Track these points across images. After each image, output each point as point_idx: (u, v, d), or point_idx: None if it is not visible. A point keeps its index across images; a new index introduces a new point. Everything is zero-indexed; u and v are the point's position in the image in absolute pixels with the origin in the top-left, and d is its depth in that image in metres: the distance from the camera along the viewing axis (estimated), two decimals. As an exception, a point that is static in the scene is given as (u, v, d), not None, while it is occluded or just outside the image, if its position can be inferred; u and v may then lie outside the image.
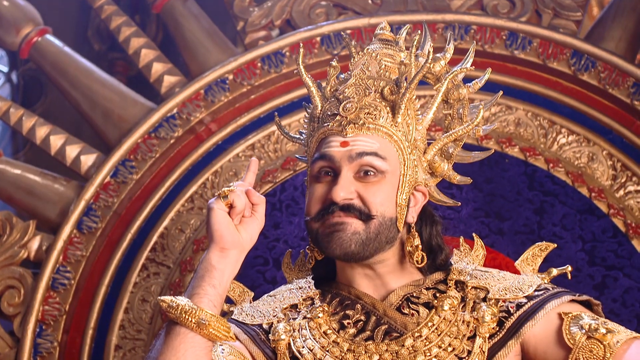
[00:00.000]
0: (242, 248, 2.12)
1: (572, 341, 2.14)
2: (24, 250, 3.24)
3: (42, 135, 3.35)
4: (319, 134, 2.28)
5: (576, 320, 2.17)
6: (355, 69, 2.31)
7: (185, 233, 3.24)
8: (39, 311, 3.18)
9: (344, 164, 2.21)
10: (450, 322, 2.20)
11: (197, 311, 2.02)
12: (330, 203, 2.20)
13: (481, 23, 3.28)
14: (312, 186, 2.26)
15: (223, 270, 2.09)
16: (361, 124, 2.23)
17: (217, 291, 2.07)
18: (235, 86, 3.33)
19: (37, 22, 3.43)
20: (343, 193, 2.19)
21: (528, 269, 2.34)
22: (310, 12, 3.41)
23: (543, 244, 2.36)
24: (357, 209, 2.20)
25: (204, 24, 3.43)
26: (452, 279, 2.28)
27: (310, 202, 2.25)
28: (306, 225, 2.27)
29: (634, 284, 3.03)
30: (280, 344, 2.23)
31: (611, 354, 2.11)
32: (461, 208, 2.87)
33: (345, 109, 2.25)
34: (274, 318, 2.29)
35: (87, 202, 3.26)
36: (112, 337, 3.20)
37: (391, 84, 2.28)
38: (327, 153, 2.23)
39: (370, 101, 2.25)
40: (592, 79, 3.23)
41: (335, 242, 2.20)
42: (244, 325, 2.28)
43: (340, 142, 2.22)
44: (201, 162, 3.31)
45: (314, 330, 2.24)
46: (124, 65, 4.21)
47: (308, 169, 2.31)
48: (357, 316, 2.25)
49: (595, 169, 3.19)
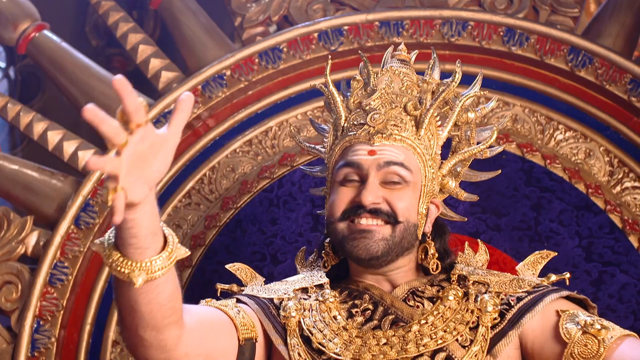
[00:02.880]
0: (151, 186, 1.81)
1: (568, 336, 2.22)
2: (22, 246, 3.24)
3: (39, 130, 3.35)
4: (344, 142, 2.38)
5: (572, 317, 2.25)
6: (379, 84, 2.41)
7: (182, 229, 3.24)
8: (36, 307, 3.18)
9: (371, 171, 2.31)
10: (455, 311, 2.28)
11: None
12: (357, 205, 2.30)
13: (478, 19, 3.28)
14: (337, 190, 2.34)
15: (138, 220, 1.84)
16: (388, 134, 2.34)
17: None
18: (233, 82, 3.33)
19: (35, 17, 3.42)
20: (371, 197, 2.29)
21: (529, 273, 2.43)
22: (307, 8, 3.42)
23: (544, 252, 2.48)
24: (385, 212, 2.30)
25: (202, 19, 3.42)
26: (454, 274, 2.38)
27: (334, 205, 2.33)
28: (329, 227, 2.35)
29: (630, 280, 3.03)
30: (291, 321, 2.30)
31: (605, 349, 2.17)
32: (458, 204, 2.87)
33: (373, 119, 2.35)
34: (284, 295, 2.36)
35: (85, 197, 3.26)
36: (109, 333, 3.20)
37: (414, 100, 2.39)
38: (355, 161, 2.33)
39: (396, 114, 2.36)
40: (590, 76, 3.23)
41: (363, 247, 2.29)
42: (256, 298, 2.35)
43: (367, 151, 2.33)
44: (198, 157, 3.31)
45: (324, 313, 2.31)
46: (121, 61, 4.21)
47: (328, 175, 2.41)
48: (365, 305, 2.34)
49: (593, 165, 3.19)
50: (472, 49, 3.28)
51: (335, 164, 2.38)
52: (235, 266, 2.51)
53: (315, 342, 2.26)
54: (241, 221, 3.20)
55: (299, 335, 2.28)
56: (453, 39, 3.27)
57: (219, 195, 3.26)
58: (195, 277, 3.16)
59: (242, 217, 3.20)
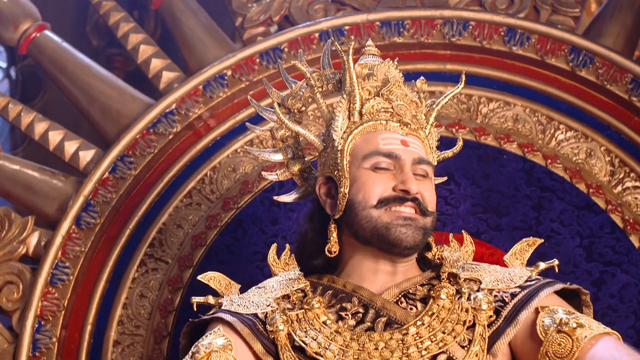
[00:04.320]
0: None
1: (544, 334, 2.20)
2: (23, 246, 3.25)
3: (40, 130, 3.35)
4: (367, 126, 2.35)
5: (551, 314, 2.23)
6: (389, 75, 2.40)
7: (183, 229, 3.24)
8: (37, 307, 3.18)
9: (407, 162, 2.32)
10: (450, 310, 2.26)
11: None
12: (402, 193, 2.29)
13: (479, 19, 3.28)
14: (370, 176, 2.32)
15: None
16: (414, 128, 2.37)
17: None
18: (234, 82, 3.33)
19: (36, 17, 3.43)
20: (415, 187, 2.29)
21: (517, 263, 2.42)
22: (308, 8, 3.42)
23: (531, 239, 2.46)
24: (422, 204, 2.31)
25: (203, 19, 3.43)
26: (444, 271, 2.35)
27: (369, 191, 2.30)
28: (360, 214, 2.31)
29: (631, 280, 3.03)
30: (280, 335, 2.26)
31: (578, 348, 2.15)
32: (459, 204, 2.87)
33: (400, 109, 2.36)
34: (267, 308, 2.31)
35: (86, 197, 3.26)
36: (110, 333, 3.20)
37: (416, 98, 2.42)
38: (393, 151, 2.32)
39: (413, 108, 2.39)
40: (590, 75, 3.23)
41: (410, 234, 2.28)
42: (240, 315, 2.30)
43: (400, 141, 2.33)
44: (199, 157, 3.31)
45: (313, 321, 2.27)
46: (122, 61, 4.22)
47: (342, 157, 2.34)
48: (355, 308, 2.29)
49: (593, 165, 3.19)
50: (473, 48, 3.28)
51: (356, 150, 2.35)
52: (207, 276, 2.48)
53: (311, 352, 2.22)
54: (242, 221, 3.20)
55: (291, 347, 2.24)
56: (454, 38, 3.27)
57: (220, 195, 3.26)
58: (196, 278, 3.16)
59: (243, 217, 3.20)
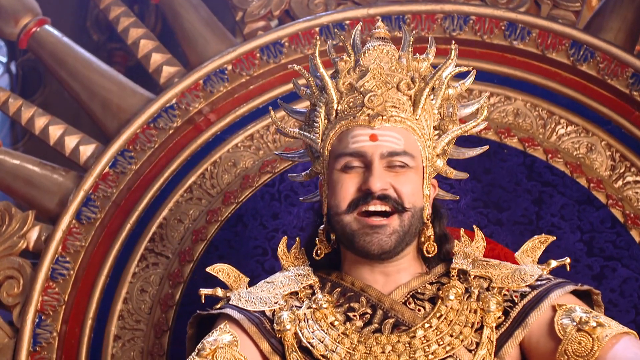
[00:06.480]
0: None
1: (563, 332, 2.17)
2: (23, 241, 3.24)
3: (41, 125, 3.35)
4: (340, 127, 2.29)
5: (568, 313, 2.20)
6: (369, 64, 2.31)
7: (184, 223, 3.24)
8: (38, 301, 3.18)
9: (375, 158, 2.23)
10: (458, 311, 2.23)
11: None
12: (365, 193, 2.22)
13: (480, 13, 3.28)
14: (339, 178, 2.26)
15: None
16: (388, 116, 2.25)
17: None
18: (234, 76, 3.33)
19: (36, 12, 3.42)
20: (379, 184, 2.22)
21: (528, 260, 2.37)
22: (309, 3, 3.41)
23: (542, 237, 2.41)
24: (393, 199, 2.23)
25: (203, 14, 3.42)
26: (454, 268, 2.31)
27: (338, 195, 2.25)
28: (334, 219, 2.27)
29: (632, 274, 3.03)
30: (287, 335, 2.23)
31: (599, 347, 2.12)
32: (460, 199, 2.87)
33: (371, 101, 2.26)
34: (275, 305, 2.29)
35: (86, 192, 3.26)
36: (111, 327, 3.20)
37: (406, 79, 2.30)
38: (359, 150, 2.24)
39: (393, 95, 2.28)
40: (591, 70, 3.23)
41: (375, 243, 2.23)
42: (247, 312, 2.28)
43: (369, 136, 2.24)
44: (200, 152, 3.31)
45: (321, 322, 2.25)
46: (122, 56, 4.21)
47: (322, 162, 2.32)
48: (362, 309, 2.27)
49: (594, 160, 3.19)
50: (474, 43, 3.28)
51: (332, 151, 2.30)
52: (216, 268, 2.44)
53: (317, 354, 2.20)
54: (243, 216, 3.20)
55: (298, 348, 2.22)
56: (455, 33, 3.27)
57: (221, 189, 3.26)
58: (197, 272, 3.16)
59: (244, 212, 3.20)
